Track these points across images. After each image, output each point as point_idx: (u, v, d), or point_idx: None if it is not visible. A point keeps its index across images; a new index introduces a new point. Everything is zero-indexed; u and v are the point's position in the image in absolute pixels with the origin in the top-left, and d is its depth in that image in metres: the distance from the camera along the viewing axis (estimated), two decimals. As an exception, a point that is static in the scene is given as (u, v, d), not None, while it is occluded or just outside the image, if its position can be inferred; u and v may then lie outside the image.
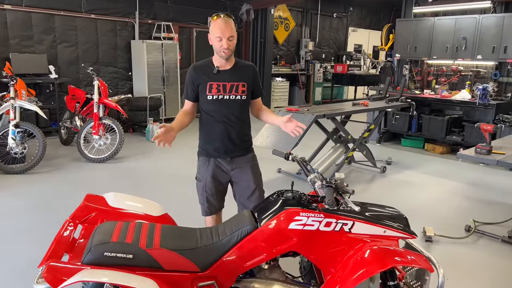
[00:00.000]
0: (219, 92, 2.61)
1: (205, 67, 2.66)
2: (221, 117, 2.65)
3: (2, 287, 2.87)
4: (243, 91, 2.66)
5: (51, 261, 1.63)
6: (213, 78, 2.62)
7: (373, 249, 1.80)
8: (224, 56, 2.56)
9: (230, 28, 2.52)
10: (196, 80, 2.63)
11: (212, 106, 2.64)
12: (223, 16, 2.53)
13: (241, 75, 2.68)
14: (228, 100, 2.63)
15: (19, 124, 5.38)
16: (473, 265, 3.39)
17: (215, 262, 1.85)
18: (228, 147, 2.70)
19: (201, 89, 2.63)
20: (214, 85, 2.61)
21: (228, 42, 2.52)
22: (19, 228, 3.80)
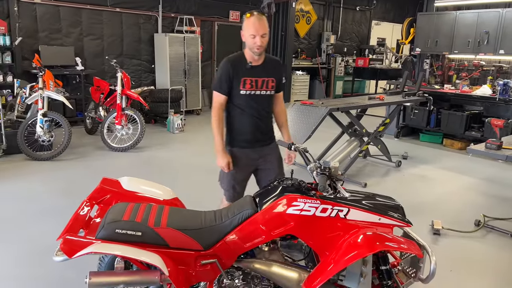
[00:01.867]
0: (252, 88, 2.72)
1: (238, 61, 2.74)
2: (252, 111, 2.77)
3: (32, 262, 3.11)
4: (272, 86, 2.79)
5: (67, 234, 1.82)
6: (246, 74, 2.71)
7: (366, 234, 1.90)
8: (257, 52, 2.65)
9: (264, 26, 2.61)
10: (232, 74, 2.70)
11: (244, 101, 2.74)
12: (257, 14, 2.62)
13: (271, 71, 2.79)
14: (259, 96, 2.76)
15: (47, 113, 5.67)
16: (479, 259, 3.43)
17: (217, 242, 2.00)
18: (257, 138, 2.84)
19: (234, 84, 2.71)
20: (248, 81, 2.71)
21: (261, 39, 2.60)
22: (46, 210, 4.06)
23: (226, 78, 2.71)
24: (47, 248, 3.28)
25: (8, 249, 3.30)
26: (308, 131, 4.71)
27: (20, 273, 2.98)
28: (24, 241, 3.44)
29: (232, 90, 2.73)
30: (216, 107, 2.77)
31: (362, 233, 1.92)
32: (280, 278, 2.03)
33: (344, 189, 2.03)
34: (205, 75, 10.20)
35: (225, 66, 2.72)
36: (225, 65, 2.73)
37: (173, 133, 7.77)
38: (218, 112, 2.76)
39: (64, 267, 3.03)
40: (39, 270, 3.01)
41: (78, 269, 3.00)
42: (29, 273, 2.98)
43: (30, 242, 3.43)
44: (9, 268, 3.03)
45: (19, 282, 2.87)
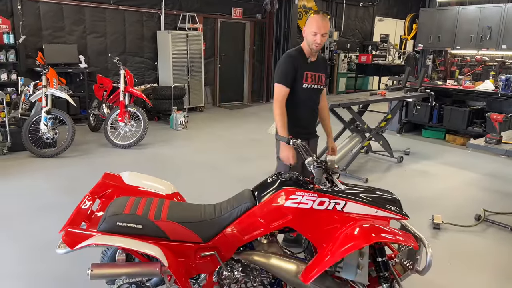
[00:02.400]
0: (312, 82, 2.89)
1: (299, 56, 2.87)
2: (310, 104, 2.97)
3: (36, 258, 3.17)
4: (324, 81, 2.99)
5: (69, 227, 1.86)
6: (307, 68, 2.86)
7: (362, 226, 1.93)
8: (315, 49, 2.79)
9: (326, 26, 2.74)
10: (295, 67, 2.83)
11: (304, 94, 2.90)
12: (322, 13, 2.74)
13: (322, 66, 2.99)
14: (316, 89, 2.94)
15: (51, 110, 5.73)
16: (479, 253, 3.45)
17: (216, 235, 2.04)
18: (312, 130, 3.10)
19: (298, 77, 2.85)
20: (309, 75, 2.87)
21: (321, 38, 2.73)
22: (50, 207, 4.12)
23: (292, 72, 2.83)
24: (51, 244, 3.34)
25: (13, 245, 3.36)
26: (309, 127, 4.72)
27: (24, 268, 3.03)
28: (29, 237, 3.50)
29: (294, 84, 2.85)
30: (279, 99, 2.84)
31: (359, 225, 1.95)
32: (278, 270, 2.07)
33: (340, 182, 2.06)
34: (208, 72, 10.24)
35: (289, 60, 2.84)
36: (289, 59, 2.84)
37: (176, 130, 7.82)
38: (281, 104, 2.83)
39: (68, 263, 3.09)
40: (43, 266, 3.06)
41: (82, 264, 3.06)
42: (33, 268, 3.03)
43: (34, 238, 3.48)
44: (13, 264, 3.08)
45: (24, 278, 2.92)
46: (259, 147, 6.67)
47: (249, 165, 5.65)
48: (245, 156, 6.12)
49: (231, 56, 10.89)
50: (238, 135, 7.53)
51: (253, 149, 6.58)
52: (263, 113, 9.88)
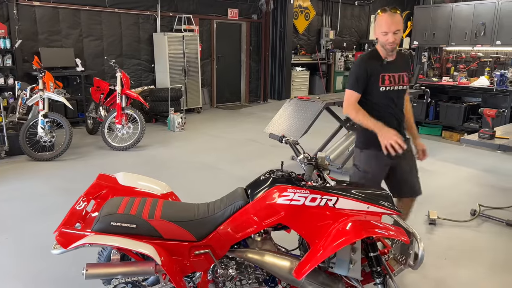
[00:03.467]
0: (390, 83, 2.69)
1: (373, 58, 2.69)
2: (391, 107, 2.72)
3: (34, 260, 3.18)
4: (407, 80, 2.77)
5: (63, 227, 1.88)
6: (384, 70, 2.66)
7: (354, 221, 1.95)
8: (389, 49, 2.61)
9: (396, 22, 2.53)
10: (369, 72, 2.65)
11: (383, 98, 2.69)
12: (390, 10, 2.56)
13: (403, 65, 2.76)
14: (397, 91, 2.72)
15: (48, 114, 5.75)
16: (474, 247, 3.48)
17: (210, 233, 2.06)
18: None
19: (372, 81, 2.66)
20: (386, 77, 2.67)
21: (393, 36, 2.54)
22: (48, 209, 4.14)
23: (364, 77, 2.66)
24: (49, 246, 3.36)
25: (11, 248, 3.38)
26: (305, 125, 4.76)
27: (23, 270, 3.05)
28: (27, 239, 3.52)
29: (369, 88, 2.68)
30: (351, 102, 2.70)
31: (351, 221, 1.97)
32: (272, 267, 2.09)
33: (330, 178, 2.08)
34: (205, 73, 10.26)
35: (361, 65, 2.69)
36: (361, 64, 2.70)
37: (174, 131, 7.84)
38: (354, 105, 2.69)
39: (66, 264, 3.11)
40: (42, 267, 3.08)
41: (80, 265, 3.08)
42: (31, 270, 3.05)
43: (32, 240, 3.50)
44: (11, 266, 3.10)
45: (22, 279, 2.94)
46: (256, 147, 6.69)
47: (247, 165, 5.68)
48: (243, 157, 6.14)
49: (227, 56, 10.91)
50: (236, 135, 7.55)
51: (251, 149, 6.60)
52: (260, 113, 9.90)
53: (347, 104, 2.73)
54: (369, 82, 2.66)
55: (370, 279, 2.30)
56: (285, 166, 2.20)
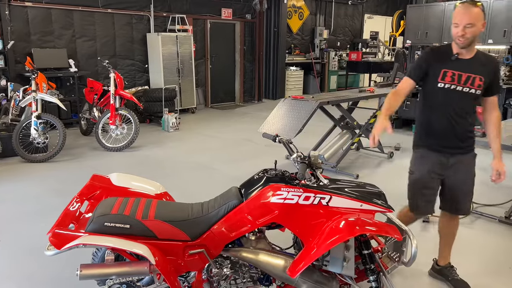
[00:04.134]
0: (452, 81, 2.45)
1: (443, 52, 2.51)
2: (448, 109, 2.49)
3: (28, 260, 3.17)
4: (479, 85, 2.46)
5: (56, 228, 1.88)
6: (448, 65, 2.45)
7: (347, 219, 1.97)
8: (459, 44, 2.40)
9: (470, 15, 2.32)
10: (430, 63, 2.48)
11: (439, 96, 2.48)
12: (468, 2, 2.36)
13: (479, 68, 2.46)
14: (459, 92, 2.45)
15: (41, 115, 5.72)
16: (468, 243, 3.51)
17: (204, 233, 2.06)
18: (451, 143, 2.57)
19: (431, 75, 2.48)
20: (449, 73, 2.44)
21: (464, 29, 2.33)
22: (43, 211, 4.12)
23: (423, 65, 2.51)
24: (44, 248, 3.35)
25: (5, 249, 3.36)
26: (299, 125, 4.77)
27: (17, 271, 3.04)
28: (21, 241, 3.50)
29: (426, 81, 2.51)
30: (399, 86, 2.56)
31: (344, 219, 1.98)
32: (266, 266, 2.09)
33: (323, 177, 2.10)
34: (199, 73, 10.25)
35: (425, 54, 2.58)
36: (426, 53, 2.59)
37: (168, 131, 7.83)
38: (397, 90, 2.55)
39: (61, 265, 3.10)
40: (36, 268, 3.07)
41: (75, 266, 3.07)
42: (25, 271, 3.04)
43: (26, 241, 3.48)
44: (5, 267, 3.09)
45: (16, 281, 2.92)
46: (251, 147, 6.70)
47: (241, 165, 5.68)
48: (238, 156, 6.14)
49: (221, 56, 10.91)
50: (231, 135, 7.56)
51: (246, 149, 6.61)
52: (255, 113, 9.91)
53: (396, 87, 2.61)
54: (428, 74, 2.48)
55: (363, 276, 2.32)
56: (280, 165, 2.21)
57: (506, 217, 3.85)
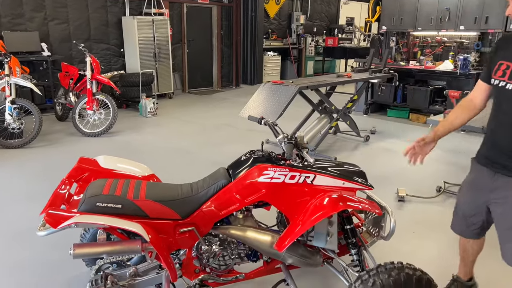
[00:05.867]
0: (502, 77, 1.92)
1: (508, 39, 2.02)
2: (498, 113, 2.00)
3: (14, 244, 3.16)
4: None
5: (50, 209, 1.90)
6: (506, 55, 1.94)
7: (330, 196, 2.07)
8: None
9: None
10: (495, 52, 2.02)
11: (496, 96, 2.01)
12: None
13: None
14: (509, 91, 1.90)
15: (15, 100, 5.58)
16: (440, 221, 3.70)
17: (194, 211, 2.13)
18: (493, 156, 2.06)
19: (491, 69, 2.01)
20: (503, 66, 1.91)
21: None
22: (22, 196, 4.08)
23: (488, 61, 2.06)
24: (29, 231, 3.34)
25: (-14, 235, 3.33)
26: (280, 109, 4.85)
27: (6, 257, 3.03)
28: (4, 226, 3.47)
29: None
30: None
31: (327, 196, 2.08)
32: (254, 242, 2.18)
33: (308, 156, 2.19)
34: (176, 58, 10.15)
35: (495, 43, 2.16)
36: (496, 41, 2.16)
37: (146, 117, 7.77)
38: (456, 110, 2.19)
39: (48, 248, 3.11)
40: (24, 253, 3.06)
41: (61, 250, 3.09)
42: (14, 256, 3.03)
43: (10, 226, 3.46)
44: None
45: (5, 267, 2.92)
46: (232, 132, 6.75)
47: (222, 150, 5.74)
48: (218, 141, 6.19)
49: (198, 41, 10.82)
50: (210, 120, 7.57)
51: (226, 133, 6.65)
52: (233, 99, 9.92)
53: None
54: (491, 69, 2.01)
55: (345, 251, 2.45)
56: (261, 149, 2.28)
57: (475, 195, 4.07)
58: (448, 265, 3.00)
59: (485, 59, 7.35)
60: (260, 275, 2.34)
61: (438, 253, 3.16)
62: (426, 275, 1.97)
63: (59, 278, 2.76)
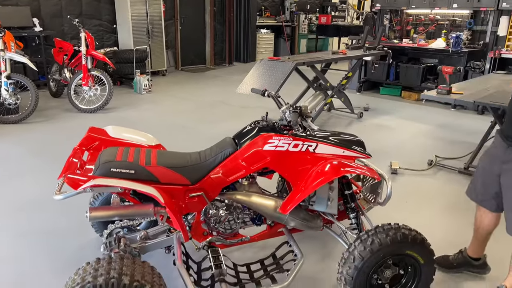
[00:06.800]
0: None
1: None
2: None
3: (17, 217, 3.25)
4: None
5: (68, 173, 1.99)
6: None
7: (332, 163, 2.19)
8: None
9: None
10: None
11: None
12: None
13: None
14: None
15: (11, 75, 5.56)
16: (432, 191, 3.88)
17: (203, 178, 2.23)
18: (507, 131, 2.23)
19: None
20: None
21: None
22: (21, 170, 4.14)
23: None
24: (30, 204, 3.43)
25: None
26: (276, 85, 4.92)
27: (12, 226, 3.12)
28: (9, 198, 3.55)
29: None
30: None
31: (329, 162, 2.20)
32: (259, 206, 2.31)
33: (312, 123, 2.29)
34: (169, 35, 10.08)
35: None
36: None
37: (141, 93, 7.78)
38: None
39: (55, 218, 3.21)
40: (31, 223, 3.16)
41: (69, 219, 3.19)
42: (21, 227, 3.12)
43: (15, 198, 3.54)
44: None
45: (13, 236, 3.01)
46: (227, 109, 6.82)
47: (219, 126, 5.82)
48: (214, 118, 6.26)
49: (191, 18, 10.73)
50: (205, 97, 7.62)
51: (221, 110, 6.72)
52: (227, 76, 9.94)
53: None
54: None
55: (343, 217, 2.59)
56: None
57: (465, 168, 4.25)
58: (438, 232, 3.18)
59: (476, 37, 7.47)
60: (264, 238, 2.48)
61: (429, 221, 3.33)
62: (420, 235, 2.12)
63: (69, 245, 2.87)
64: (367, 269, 2.06)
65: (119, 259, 1.84)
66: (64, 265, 2.64)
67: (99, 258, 1.84)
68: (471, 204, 2.59)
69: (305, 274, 2.59)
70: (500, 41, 7.01)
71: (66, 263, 2.67)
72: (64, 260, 2.70)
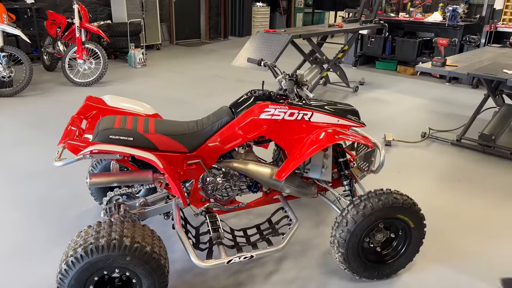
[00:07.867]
0: None
1: None
2: None
3: (19, 184, 3.29)
4: None
5: (69, 139, 2.02)
6: None
7: (326, 131, 2.24)
8: None
9: None
10: None
11: None
12: None
13: None
14: None
15: (4, 48, 5.50)
16: (424, 162, 3.95)
17: (200, 145, 2.27)
18: None
19: None
20: None
21: None
22: (17, 141, 4.15)
23: None
24: (32, 173, 3.47)
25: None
26: (273, 57, 4.92)
27: (10, 195, 3.17)
28: (6, 168, 3.58)
29: None
30: None
31: (323, 130, 2.25)
32: (255, 173, 2.36)
33: (308, 91, 2.33)
34: (163, 8, 9.93)
35: None
36: None
37: (136, 67, 7.73)
38: None
39: (51, 188, 3.26)
40: (30, 193, 3.21)
41: (67, 188, 3.24)
42: (21, 197, 3.17)
43: (13, 168, 3.57)
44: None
45: (13, 208, 3.06)
46: (222, 83, 6.81)
47: (215, 99, 5.82)
48: (210, 91, 6.26)
49: (186, -10, 10.55)
50: (200, 71, 7.58)
51: (217, 84, 6.71)
52: (222, 50, 9.86)
53: None
54: None
55: (337, 184, 2.66)
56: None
57: (457, 140, 4.32)
58: (429, 200, 3.27)
59: (473, 11, 7.43)
60: (260, 205, 2.55)
61: (421, 190, 3.42)
62: (411, 200, 2.19)
63: (69, 213, 2.93)
64: (360, 233, 2.14)
65: (119, 222, 1.90)
66: (63, 233, 2.71)
67: (100, 221, 1.90)
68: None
69: (300, 239, 2.68)
70: (496, 15, 6.99)
71: (65, 231, 2.73)
72: (63, 228, 2.76)
